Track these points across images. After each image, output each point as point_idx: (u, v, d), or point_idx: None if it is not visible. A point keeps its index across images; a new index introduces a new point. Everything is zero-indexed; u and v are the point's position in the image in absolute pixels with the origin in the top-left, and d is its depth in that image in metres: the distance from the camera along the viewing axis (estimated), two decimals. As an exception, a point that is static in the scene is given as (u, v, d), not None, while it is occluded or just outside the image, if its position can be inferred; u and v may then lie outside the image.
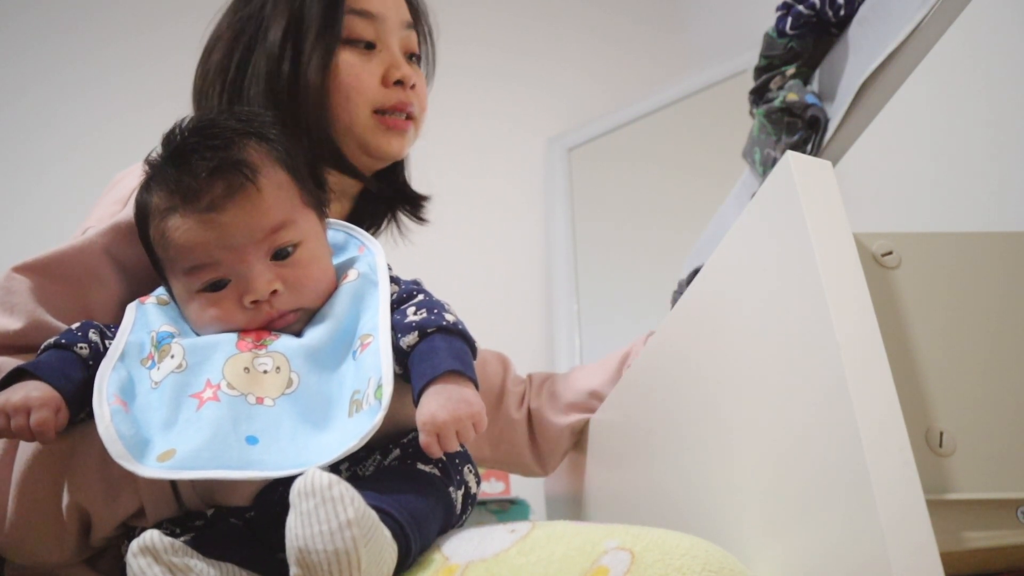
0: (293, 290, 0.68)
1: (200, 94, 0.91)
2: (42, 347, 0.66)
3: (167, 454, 0.58)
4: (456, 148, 2.33)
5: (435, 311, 0.68)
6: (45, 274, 0.72)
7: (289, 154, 0.73)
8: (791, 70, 1.15)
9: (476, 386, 0.63)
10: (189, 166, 0.67)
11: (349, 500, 0.49)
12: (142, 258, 0.74)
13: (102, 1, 2.23)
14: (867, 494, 0.44)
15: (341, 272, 0.73)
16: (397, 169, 1.04)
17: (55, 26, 2.20)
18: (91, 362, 0.65)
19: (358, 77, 0.89)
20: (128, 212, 0.75)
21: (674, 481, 0.72)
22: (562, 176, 2.26)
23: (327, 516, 0.48)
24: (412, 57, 0.96)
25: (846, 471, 0.46)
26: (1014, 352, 0.55)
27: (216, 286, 0.67)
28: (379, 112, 0.91)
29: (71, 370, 0.63)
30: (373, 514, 0.51)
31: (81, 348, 0.65)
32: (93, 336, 0.67)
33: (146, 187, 0.70)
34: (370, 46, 0.91)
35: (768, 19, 1.18)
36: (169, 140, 0.71)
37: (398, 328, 0.67)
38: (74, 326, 0.68)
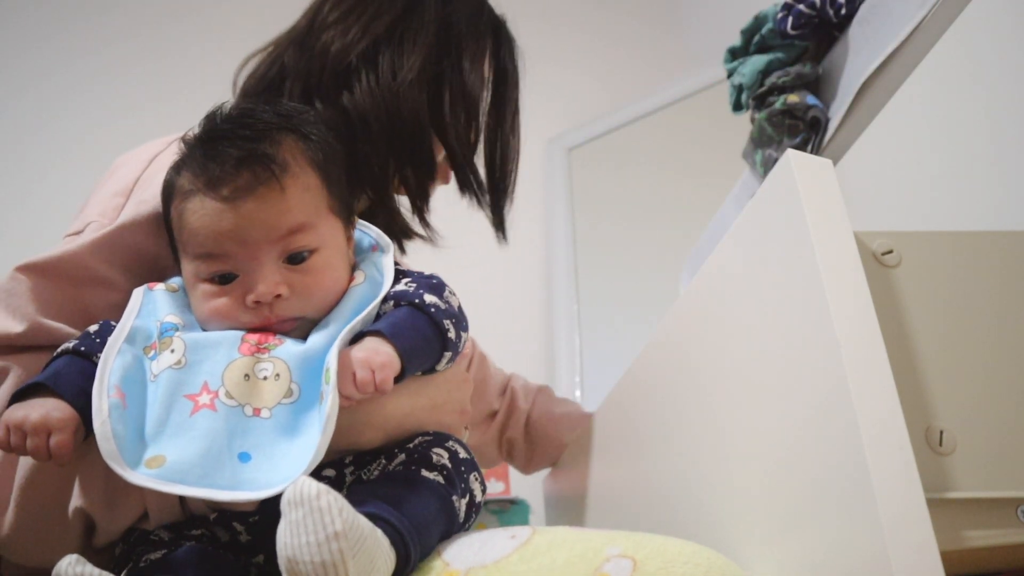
0: (299, 297, 0.66)
1: (397, 53, 0.89)
2: (59, 350, 0.65)
3: (156, 460, 0.57)
4: (456, 148, 2.33)
5: (421, 289, 0.69)
6: (45, 275, 0.71)
7: (325, 156, 0.71)
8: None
9: (401, 355, 0.63)
10: (217, 152, 0.66)
11: (337, 511, 0.48)
12: (149, 256, 0.74)
13: (103, 1, 2.23)
14: (867, 493, 0.44)
15: (352, 272, 0.72)
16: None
17: (55, 26, 2.20)
18: None
19: None
20: (134, 210, 0.74)
21: (674, 482, 0.72)
22: (562, 176, 2.26)
23: (315, 527, 0.48)
24: None
25: (846, 470, 0.46)
26: (1014, 351, 0.55)
27: (224, 279, 0.66)
28: None
29: (90, 384, 0.61)
30: (364, 524, 0.51)
31: (99, 357, 0.63)
32: (111, 337, 0.65)
33: (176, 166, 0.69)
34: None
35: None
36: (206, 122, 0.70)
37: (386, 298, 0.68)
38: (92, 329, 0.67)
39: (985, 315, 0.56)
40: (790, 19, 1.09)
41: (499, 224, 1.02)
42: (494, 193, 0.98)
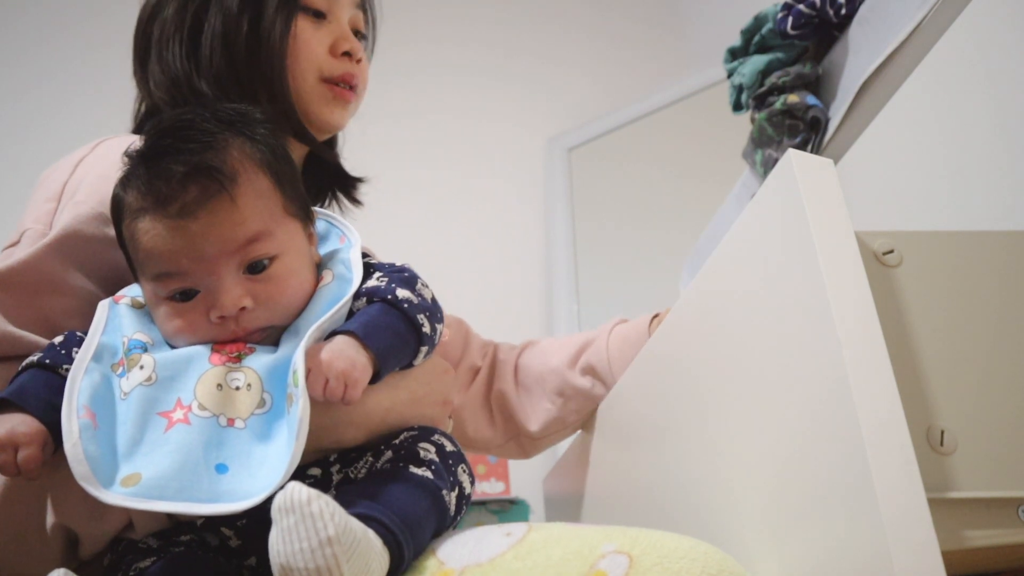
0: (264, 307, 0.64)
1: (158, 48, 0.90)
2: (24, 364, 0.64)
3: (132, 478, 0.56)
4: (456, 148, 2.33)
5: (393, 283, 0.67)
6: (1, 286, 0.69)
7: (275, 156, 0.69)
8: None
9: (375, 358, 0.62)
10: (161, 169, 0.63)
11: (329, 516, 0.48)
12: (103, 259, 0.72)
13: (103, 1, 2.23)
14: (868, 493, 0.44)
15: (319, 271, 0.71)
16: (330, 149, 1.02)
17: (55, 26, 2.20)
18: None
19: (308, 43, 0.89)
20: (74, 211, 0.72)
21: (675, 482, 0.72)
22: (562, 176, 2.26)
23: (307, 533, 0.48)
24: (358, 35, 0.96)
25: (847, 470, 0.46)
26: (1015, 351, 0.55)
27: (185, 295, 0.64)
28: (326, 81, 0.91)
29: (57, 396, 0.60)
30: (356, 527, 0.50)
31: (66, 369, 0.62)
32: (77, 355, 0.64)
33: (123, 183, 0.67)
34: (320, 15, 0.91)
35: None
36: (147, 136, 0.67)
37: (358, 294, 0.67)
38: (56, 341, 0.65)
39: (985, 315, 0.56)
40: (790, 19, 1.10)
41: None
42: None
